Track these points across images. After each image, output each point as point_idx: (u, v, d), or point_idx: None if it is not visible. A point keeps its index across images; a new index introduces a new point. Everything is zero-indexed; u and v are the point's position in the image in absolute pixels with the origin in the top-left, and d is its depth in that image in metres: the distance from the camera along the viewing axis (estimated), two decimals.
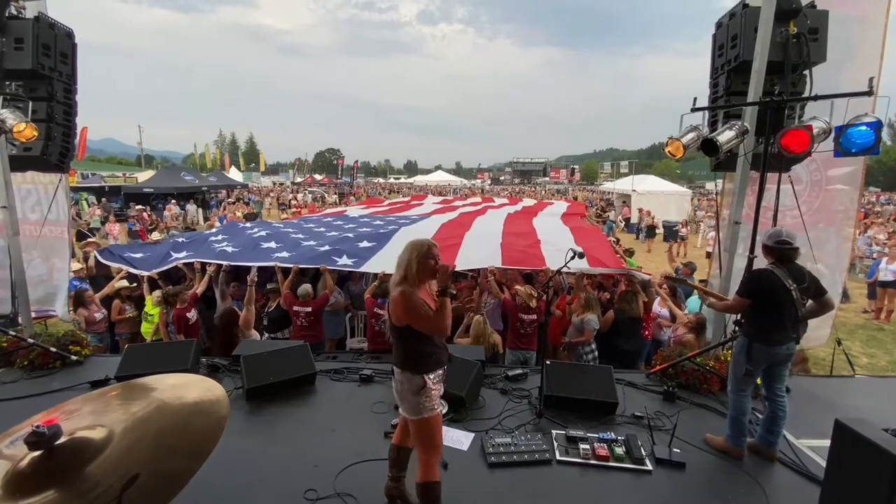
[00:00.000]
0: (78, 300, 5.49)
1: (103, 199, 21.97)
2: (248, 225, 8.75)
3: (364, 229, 7.74)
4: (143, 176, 25.39)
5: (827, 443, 2.73)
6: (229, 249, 6.26)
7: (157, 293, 5.50)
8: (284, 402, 3.77)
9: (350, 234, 7.21)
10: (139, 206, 19.54)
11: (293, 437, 3.34)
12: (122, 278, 5.90)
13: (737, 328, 3.31)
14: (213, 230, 8.38)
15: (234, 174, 38.31)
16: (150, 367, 3.88)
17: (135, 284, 6.00)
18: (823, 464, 2.80)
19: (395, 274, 2.46)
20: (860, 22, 4.88)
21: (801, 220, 4.47)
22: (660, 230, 18.39)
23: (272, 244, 6.49)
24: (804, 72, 3.82)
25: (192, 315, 5.22)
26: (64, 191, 5.54)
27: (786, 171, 3.97)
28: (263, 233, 7.06)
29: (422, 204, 13.01)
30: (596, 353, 5.15)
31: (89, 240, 8.45)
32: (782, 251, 3.03)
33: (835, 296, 5.09)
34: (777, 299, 2.97)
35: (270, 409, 3.68)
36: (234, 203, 25.52)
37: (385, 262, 5.91)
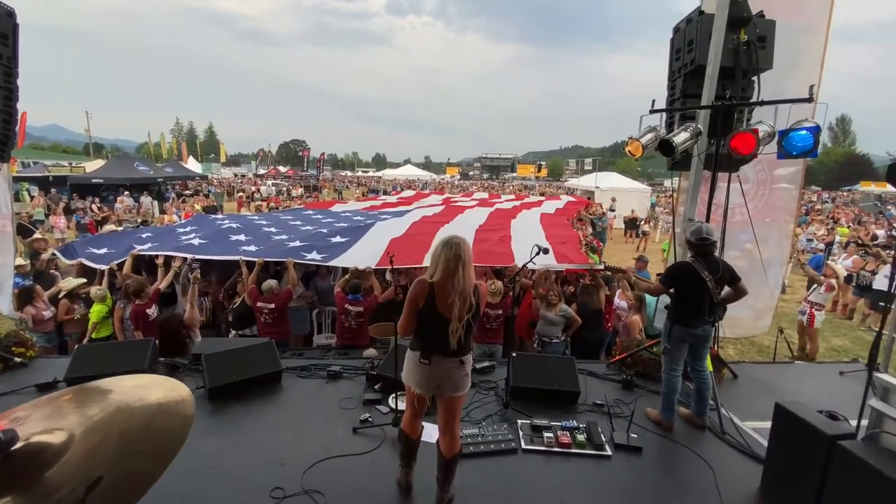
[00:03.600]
0: (25, 297, 5.13)
1: (52, 190, 20.53)
2: (219, 217, 8.45)
3: (340, 224, 7.62)
4: (92, 165, 23.83)
5: (769, 424, 2.96)
6: (196, 242, 6.03)
7: (96, 289, 5.20)
8: (249, 401, 3.70)
9: (324, 230, 7.10)
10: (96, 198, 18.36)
11: (258, 436, 3.29)
12: (78, 275, 5.59)
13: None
14: (183, 221, 8.06)
15: (193, 165, 36.59)
16: (103, 368, 3.71)
17: (84, 281, 5.68)
18: (766, 444, 3.03)
19: (463, 271, 2.44)
20: (805, 31, 5.19)
21: (749, 216, 4.75)
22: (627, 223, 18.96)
23: (241, 237, 6.31)
24: (753, 77, 4.06)
25: (153, 311, 4.99)
26: (6, 181, 5.17)
27: (735, 171, 4.20)
28: (234, 225, 6.84)
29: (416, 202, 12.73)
30: (568, 347, 5.36)
31: (36, 236, 7.86)
32: (702, 246, 3.39)
33: (775, 288, 5.46)
34: (693, 288, 3.34)
35: (234, 409, 3.60)
36: (192, 195, 24.49)
37: (356, 257, 5.84)
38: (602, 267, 6.23)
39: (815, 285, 6.74)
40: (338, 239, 6.49)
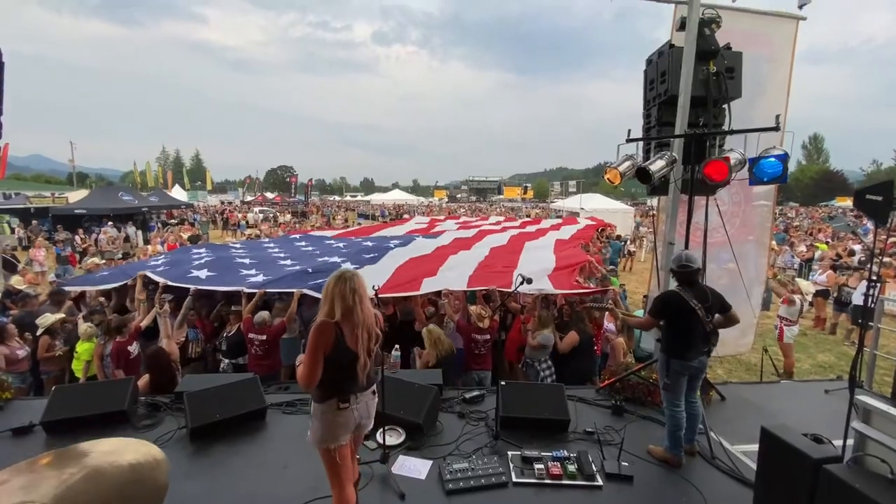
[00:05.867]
0: None
1: (34, 222, 20.14)
2: (237, 246, 8.33)
3: (359, 252, 7.47)
4: (76, 196, 23.58)
5: (757, 447, 2.96)
6: (203, 275, 5.97)
7: (87, 326, 5.11)
8: (233, 441, 3.60)
9: (337, 257, 7.02)
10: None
11: (242, 478, 3.19)
12: (65, 310, 5.51)
13: (659, 343, 3.62)
14: (199, 248, 7.96)
15: (178, 193, 36.39)
16: (81, 410, 3.61)
17: (63, 316, 5.54)
18: (755, 467, 3.02)
19: (361, 304, 2.43)
20: (769, 61, 5.46)
21: (727, 237, 4.87)
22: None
23: (252, 271, 6.25)
24: (723, 106, 4.23)
25: (134, 349, 4.88)
26: None
27: (712, 195, 4.32)
28: (247, 260, 6.77)
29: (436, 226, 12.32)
30: (552, 371, 5.25)
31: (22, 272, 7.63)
32: (683, 274, 3.31)
33: (756, 305, 5.55)
34: (683, 318, 3.25)
35: (217, 449, 3.50)
36: (177, 224, 24.22)
37: None
38: (590, 297, 6.21)
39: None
40: (348, 266, 6.41)
